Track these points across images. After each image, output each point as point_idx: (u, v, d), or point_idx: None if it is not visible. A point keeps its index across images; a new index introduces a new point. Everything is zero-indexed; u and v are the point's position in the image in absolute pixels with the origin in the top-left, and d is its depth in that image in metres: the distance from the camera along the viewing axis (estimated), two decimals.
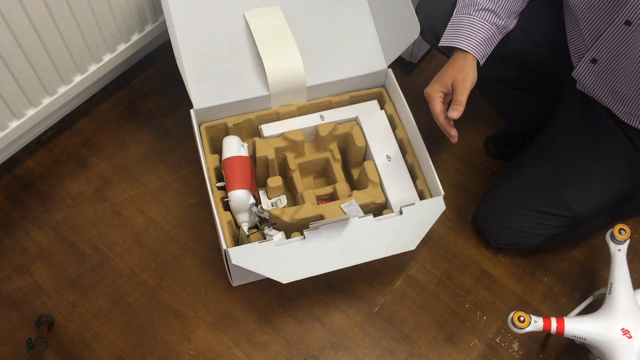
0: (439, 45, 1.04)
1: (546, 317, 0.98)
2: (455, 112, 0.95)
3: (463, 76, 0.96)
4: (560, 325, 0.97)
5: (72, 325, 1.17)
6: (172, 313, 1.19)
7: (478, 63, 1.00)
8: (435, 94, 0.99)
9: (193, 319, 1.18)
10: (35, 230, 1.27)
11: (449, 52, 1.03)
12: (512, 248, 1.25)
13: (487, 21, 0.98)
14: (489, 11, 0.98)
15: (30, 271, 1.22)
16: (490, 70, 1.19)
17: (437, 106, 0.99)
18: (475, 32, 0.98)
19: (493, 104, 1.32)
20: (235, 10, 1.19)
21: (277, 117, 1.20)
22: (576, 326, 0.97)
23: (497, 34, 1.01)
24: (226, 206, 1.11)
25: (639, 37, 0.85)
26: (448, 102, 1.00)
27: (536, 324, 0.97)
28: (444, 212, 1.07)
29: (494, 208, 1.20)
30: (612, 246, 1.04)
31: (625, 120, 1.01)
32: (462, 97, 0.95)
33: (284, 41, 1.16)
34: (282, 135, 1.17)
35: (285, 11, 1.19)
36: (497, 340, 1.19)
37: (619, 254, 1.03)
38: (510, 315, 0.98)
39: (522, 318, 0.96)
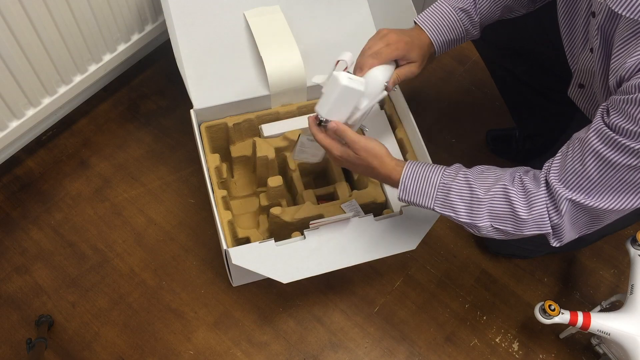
0: (414, 19, 0.98)
1: (573, 311, 1.00)
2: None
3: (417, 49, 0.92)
4: (587, 320, 1.00)
5: (72, 325, 1.17)
6: (172, 313, 1.19)
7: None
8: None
9: (193, 319, 1.18)
10: (35, 230, 1.27)
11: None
12: (512, 257, 1.28)
13: (462, 25, 0.96)
14: (466, 14, 0.96)
15: (30, 271, 1.22)
16: (515, 67, 1.19)
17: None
18: (449, 32, 0.95)
19: (508, 100, 1.32)
20: (235, 10, 1.19)
21: (277, 117, 1.20)
22: (602, 322, 0.99)
23: (463, 40, 0.99)
24: (226, 206, 1.10)
25: (596, 63, 0.85)
26: None
27: (563, 315, 1.00)
28: None
29: None
30: (632, 251, 1.07)
31: None
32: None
33: (284, 41, 1.16)
34: (282, 135, 1.17)
35: (285, 11, 1.19)
36: (497, 340, 1.19)
37: (639, 258, 1.06)
38: (540, 303, 1.01)
39: (552, 307, 0.99)
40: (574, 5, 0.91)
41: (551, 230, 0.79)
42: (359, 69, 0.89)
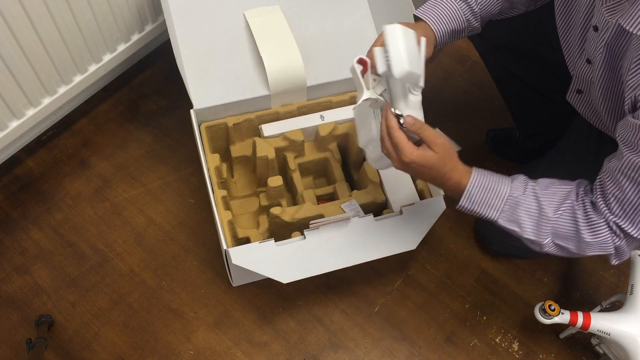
0: (414, 13, 0.98)
1: (573, 311, 1.00)
2: None
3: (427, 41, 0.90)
4: (587, 320, 1.00)
5: (72, 325, 1.17)
6: (172, 313, 1.19)
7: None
8: (422, 44, 0.88)
9: (193, 319, 1.18)
10: (35, 230, 1.27)
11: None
12: (512, 257, 1.28)
13: (464, 15, 0.96)
14: (466, 4, 0.96)
15: (30, 271, 1.22)
16: (515, 67, 1.19)
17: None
18: (450, 22, 0.95)
19: (508, 100, 1.32)
20: (235, 10, 1.19)
21: (277, 117, 1.20)
22: (602, 322, 0.99)
23: (465, 32, 0.98)
24: (226, 206, 1.10)
25: (596, 75, 0.85)
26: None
27: (563, 315, 1.00)
28: (444, 212, 1.06)
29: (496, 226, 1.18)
30: (632, 252, 1.07)
31: None
32: None
33: (284, 41, 1.16)
34: (282, 135, 1.17)
35: (285, 11, 1.19)
36: (497, 340, 1.19)
37: (639, 258, 1.07)
38: (540, 303, 1.01)
39: (552, 307, 0.99)
40: (570, 13, 0.91)
41: (614, 251, 0.80)
42: None
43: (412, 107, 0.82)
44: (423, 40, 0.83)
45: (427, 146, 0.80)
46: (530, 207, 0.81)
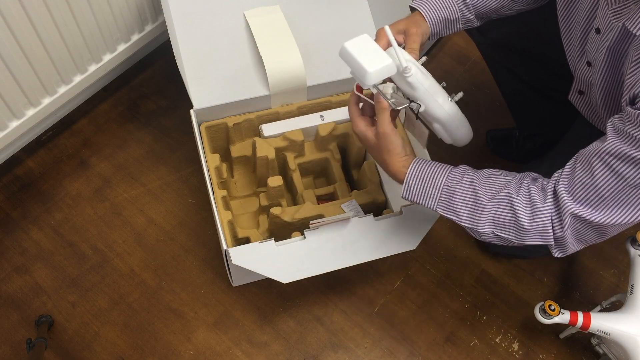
0: (409, 4, 0.99)
1: (573, 311, 1.01)
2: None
3: (416, 27, 0.92)
4: (587, 320, 1.00)
5: (72, 325, 1.17)
6: (172, 313, 1.19)
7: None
8: (386, 31, 0.90)
9: (193, 319, 1.18)
10: (35, 230, 1.27)
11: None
12: (512, 257, 1.28)
13: (457, 7, 0.96)
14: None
15: (30, 271, 1.22)
16: (517, 67, 1.20)
17: (383, 41, 0.90)
18: (442, 9, 0.95)
19: (508, 99, 1.32)
20: (235, 10, 1.19)
21: (277, 117, 1.20)
22: (602, 322, 1.00)
23: (459, 22, 0.98)
24: (226, 206, 1.10)
25: (597, 78, 0.85)
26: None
27: (563, 315, 1.00)
28: None
29: None
30: (632, 251, 1.07)
31: None
32: (415, 44, 0.91)
33: (284, 41, 1.16)
34: (282, 135, 1.17)
35: (285, 11, 1.19)
36: (497, 340, 1.19)
37: (639, 258, 1.07)
38: (540, 303, 1.01)
39: (552, 307, 0.99)
40: (572, 15, 0.91)
41: (553, 242, 0.79)
42: None
43: (414, 88, 0.84)
44: (386, 28, 0.85)
45: (375, 129, 0.85)
46: (466, 195, 0.81)
